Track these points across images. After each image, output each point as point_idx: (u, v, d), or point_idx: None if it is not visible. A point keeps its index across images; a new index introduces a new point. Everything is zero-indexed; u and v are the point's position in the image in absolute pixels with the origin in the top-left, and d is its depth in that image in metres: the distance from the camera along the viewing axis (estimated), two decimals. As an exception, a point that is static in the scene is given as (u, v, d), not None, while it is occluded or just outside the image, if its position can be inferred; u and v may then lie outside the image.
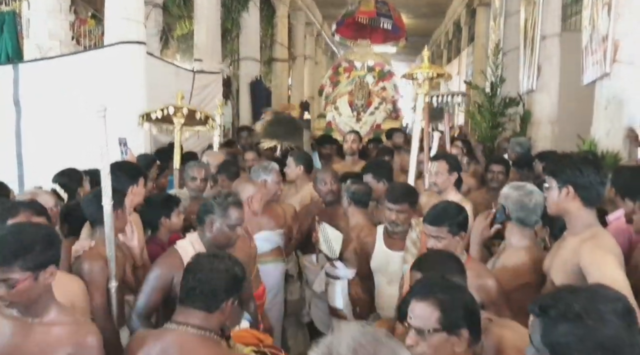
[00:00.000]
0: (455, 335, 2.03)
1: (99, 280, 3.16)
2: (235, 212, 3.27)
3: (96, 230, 3.37)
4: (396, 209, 3.87)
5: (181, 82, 8.02)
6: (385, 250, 3.95)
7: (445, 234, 3.12)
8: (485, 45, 13.44)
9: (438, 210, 3.22)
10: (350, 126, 8.71)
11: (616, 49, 5.57)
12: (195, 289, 2.44)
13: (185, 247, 3.22)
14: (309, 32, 20.20)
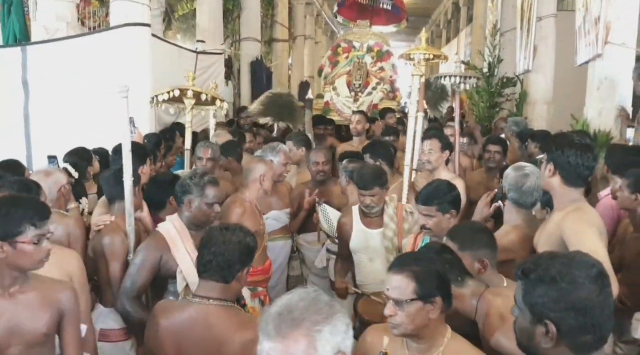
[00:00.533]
0: (430, 303, 2.18)
1: (119, 252, 3.33)
2: (212, 190, 3.34)
3: (114, 206, 3.54)
4: (368, 194, 3.89)
5: (184, 63, 8.12)
6: (364, 228, 4.00)
7: (435, 212, 3.25)
8: (483, 26, 13.45)
9: (429, 190, 3.35)
10: (348, 106, 8.80)
11: (608, 30, 5.67)
12: (211, 261, 2.53)
13: (167, 228, 3.31)
14: (309, 12, 20.16)
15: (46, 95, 6.10)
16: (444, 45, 22.37)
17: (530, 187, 3.28)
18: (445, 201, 3.27)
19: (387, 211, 3.97)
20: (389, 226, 3.93)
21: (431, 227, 3.29)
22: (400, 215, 3.97)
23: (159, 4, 9.22)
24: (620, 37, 5.67)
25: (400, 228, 3.92)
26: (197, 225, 3.32)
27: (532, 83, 9.06)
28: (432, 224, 3.27)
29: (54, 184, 3.61)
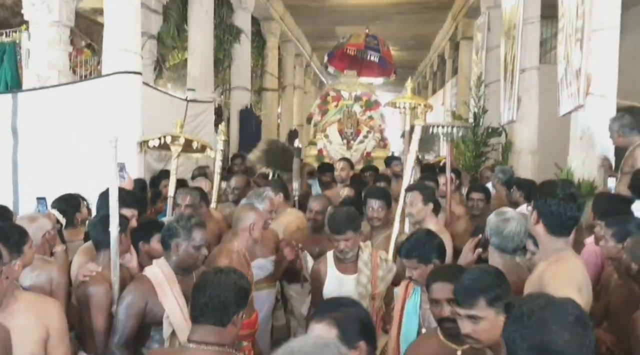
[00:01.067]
0: (354, 349, 2.14)
1: (103, 304, 3.27)
2: (199, 233, 3.31)
3: (101, 253, 3.49)
4: (341, 238, 3.84)
5: (175, 111, 8.18)
6: (338, 274, 3.94)
7: (417, 264, 3.20)
8: (468, 78, 13.74)
9: (409, 242, 3.32)
10: (342, 154, 8.90)
11: (589, 82, 5.80)
12: (207, 304, 2.48)
13: (155, 273, 3.25)
14: (298, 63, 20.51)
15: (36, 142, 6.11)
16: (430, 96, 22.75)
17: (511, 232, 3.27)
18: (426, 252, 3.23)
19: (362, 257, 3.93)
20: (363, 272, 3.89)
21: (417, 279, 3.23)
22: (375, 262, 3.93)
23: (150, 53, 9.34)
24: (601, 89, 5.81)
25: (374, 275, 3.88)
26: (184, 269, 3.29)
27: (517, 133, 9.20)
28: (417, 276, 3.22)
29: (38, 229, 3.59)
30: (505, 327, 1.73)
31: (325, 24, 17.42)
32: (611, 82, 5.85)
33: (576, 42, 6.03)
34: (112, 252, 3.35)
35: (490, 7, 11.12)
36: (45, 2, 6.58)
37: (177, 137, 5.16)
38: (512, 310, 1.73)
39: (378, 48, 10.81)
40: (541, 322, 1.66)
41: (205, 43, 9.89)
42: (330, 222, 3.93)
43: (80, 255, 3.71)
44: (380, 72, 11.31)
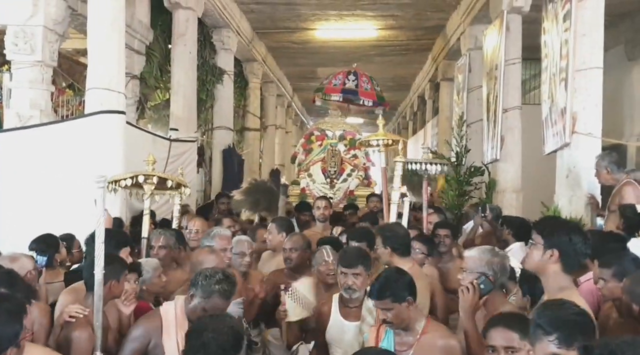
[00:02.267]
0: None
1: (84, 349, 3.12)
2: (218, 301, 3.13)
3: (89, 295, 3.35)
4: (351, 272, 3.69)
5: (158, 150, 8.08)
6: (341, 320, 3.78)
7: (390, 304, 3.08)
8: (449, 118, 13.88)
9: (379, 283, 3.18)
10: (325, 192, 8.80)
11: (574, 121, 5.87)
12: (204, 346, 2.41)
13: (167, 311, 3.18)
14: (280, 103, 20.61)
15: (17, 182, 5.97)
16: (410, 136, 22.94)
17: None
18: (399, 289, 3.10)
19: (366, 303, 3.69)
20: (366, 320, 3.69)
21: (392, 320, 3.12)
22: (379, 310, 3.70)
23: (132, 93, 9.28)
24: (586, 127, 5.87)
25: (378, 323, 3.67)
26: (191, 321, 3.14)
27: (501, 172, 9.23)
28: (392, 317, 3.10)
29: (19, 269, 3.47)
30: None
31: (306, 65, 17.61)
32: (596, 120, 5.94)
33: (560, 82, 6.12)
34: (96, 297, 3.20)
35: (470, 49, 11.30)
36: (28, 43, 6.52)
37: (151, 176, 4.93)
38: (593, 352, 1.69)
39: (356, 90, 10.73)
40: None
41: (188, 83, 9.88)
42: (342, 255, 3.83)
43: (66, 295, 3.57)
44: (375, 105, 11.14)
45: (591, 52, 5.95)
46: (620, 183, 5.51)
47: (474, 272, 3.22)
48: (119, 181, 5.06)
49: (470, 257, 3.30)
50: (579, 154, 5.95)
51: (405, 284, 3.16)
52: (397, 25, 13.36)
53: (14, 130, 6.28)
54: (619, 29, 10.80)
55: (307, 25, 13.53)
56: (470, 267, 3.25)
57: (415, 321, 3.15)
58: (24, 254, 3.81)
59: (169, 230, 5.13)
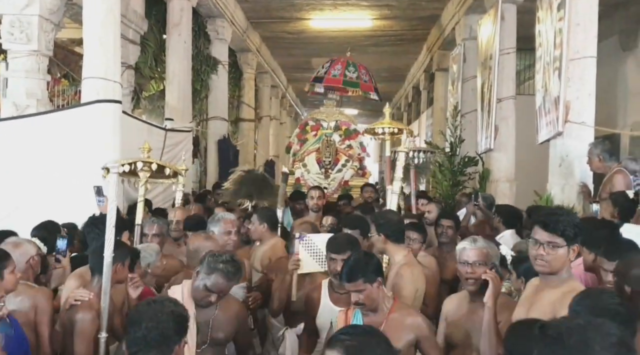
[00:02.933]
0: None
1: (88, 331, 3.20)
2: (220, 279, 3.19)
3: (94, 278, 3.42)
4: (340, 258, 3.71)
5: (153, 140, 8.10)
6: (331, 306, 3.78)
7: (362, 285, 3.15)
8: (444, 108, 13.95)
9: (348, 266, 3.24)
10: (319, 183, 8.85)
11: (567, 110, 5.94)
12: (145, 338, 2.36)
13: (175, 293, 3.21)
14: (274, 95, 20.65)
15: (14, 171, 6.01)
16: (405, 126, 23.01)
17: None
18: (369, 271, 3.17)
19: None
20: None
21: (365, 302, 3.17)
22: None
23: (128, 83, 9.30)
24: (579, 116, 5.95)
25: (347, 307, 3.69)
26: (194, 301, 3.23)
27: (494, 161, 9.33)
28: (364, 298, 3.16)
29: (22, 255, 3.53)
30: (541, 350, 1.65)
31: (301, 56, 17.63)
32: (589, 109, 6.02)
33: (554, 71, 6.18)
34: (104, 279, 3.28)
35: (465, 39, 11.36)
36: (24, 32, 6.53)
37: (149, 163, 4.94)
38: (547, 331, 1.66)
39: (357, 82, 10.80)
40: (583, 342, 1.58)
41: (183, 73, 9.91)
42: (331, 241, 3.87)
43: (72, 280, 3.64)
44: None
45: (585, 41, 6.02)
46: (612, 171, 5.61)
47: (489, 263, 3.33)
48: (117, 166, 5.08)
49: (481, 249, 3.36)
50: (571, 142, 6.03)
51: (375, 266, 3.25)
52: (391, 15, 13.39)
53: (11, 119, 6.31)
54: (614, 19, 10.86)
55: (302, 15, 13.55)
56: (484, 260, 3.33)
57: (383, 301, 3.23)
58: (27, 240, 3.86)
59: (161, 219, 5.19)
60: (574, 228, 2.83)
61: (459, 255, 3.42)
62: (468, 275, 3.32)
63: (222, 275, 3.21)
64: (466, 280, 3.36)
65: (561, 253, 2.82)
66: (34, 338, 3.34)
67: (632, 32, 10.61)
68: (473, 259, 3.32)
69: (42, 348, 3.35)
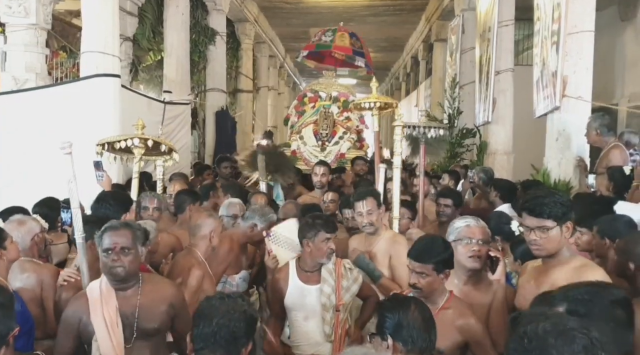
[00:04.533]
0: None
1: None
2: (110, 237, 2.95)
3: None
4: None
5: (153, 113, 8.15)
6: (301, 284, 3.73)
7: (430, 271, 2.96)
8: (442, 79, 13.91)
9: (424, 245, 3.06)
10: (315, 155, 8.82)
11: (565, 84, 5.94)
12: (215, 335, 2.23)
13: (93, 288, 3.01)
14: (272, 65, 20.53)
15: (14, 145, 6.04)
16: (403, 97, 22.94)
17: None
18: (443, 260, 2.99)
19: (326, 266, 3.74)
20: (328, 282, 3.70)
21: (422, 287, 2.96)
22: (339, 272, 3.74)
23: (126, 55, 9.27)
24: (576, 91, 5.96)
25: (338, 285, 3.70)
26: (115, 282, 2.97)
27: (492, 134, 9.34)
28: (425, 284, 2.96)
29: (27, 233, 3.58)
30: (508, 344, 1.63)
31: (299, 25, 17.47)
32: (586, 84, 6.02)
33: (552, 45, 6.17)
34: (80, 260, 3.31)
35: (464, 9, 11.28)
36: (22, 5, 6.52)
37: (145, 139, 4.91)
38: (516, 326, 1.64)
39: (363, 52, 10.76)
40: (543, 348, 1.54)
41: (181, 45, 9.88)
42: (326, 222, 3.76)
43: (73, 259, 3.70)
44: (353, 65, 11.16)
45: (583, 15, 5.98)
46: (609, 146, 5.64)
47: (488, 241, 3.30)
48: (112, 143, 5.06)
49: (484, 228, 3.31)
50: (568, 117, 6.04)
51: (449, 257, 3.05)
52: (390, -15, 13.29)
53: (11, 93, 6.32)
54: (613, -11, 10.78)
55: (300, -15, 13.44)
56: (487, 238, 3.28)
57: (439, 294, 3.03)
58: (31, 217, 3.90)
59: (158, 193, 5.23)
60: (561, 207, 2.78)
61: (459, 233, 3.26)
62: (474, 253, 3.19)
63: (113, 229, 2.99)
64: (470, 258, 3.20)
65: (553, 234, 2.78)
66: (41, 313, 3.41)
67: (631, 2, 10.51)
68: (479, 236, 3.22)
69: (48, 322, 3.41)
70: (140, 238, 3.06)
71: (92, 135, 5.77)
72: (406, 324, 2.42)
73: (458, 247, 3.24)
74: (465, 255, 3.21)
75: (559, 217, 2.78)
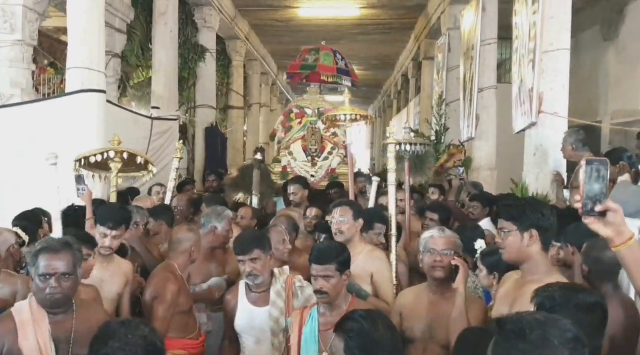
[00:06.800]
0: None
1: None
2: (46, 260, 2.75)
3: None
4: (247, 258, 3.55)
5: (140, 129, 8.25)
6: (250, 307, 3.62)
7: (334, 272, 3.06)
8: (430, 97, 14.03)
9: (323, 249, 3.19)
10: (306, 171, 8.94)
11: (541, 101, 6.06)
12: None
13: (21, 309, 2.83)
14: (265, 81, 20.67)
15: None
16: (395, 114, 23.11)
17: None
18: (344, 260, 3.12)
19: (275, 286, 3.63)
20: (276, 304, 3.59)
21: (329, 291, 3.06)
22: (290, 291, 3.64)
23: (114, 72, 9.37)
24: (552, 107, 6.07)
25: (289, 306, 3.58)
26: (48, 306, 2.78)
27: (476, 150, 9.47)
28: (331, 287, 3.05)
29: (2, 243, 3.62)
30: (500, 345, 1.65)
31: (290, 43, 17.65)
32: (562, 100, 6.12)
33: (529, 63, 6.30)
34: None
35: (450, 28, 11.45)
36: (9, 22, 6.59)
37: (121, 152, 4.84)
38: (506, 325, 1.66)
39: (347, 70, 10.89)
40: (544, 337, 1.59)
41: (169, 62, 9.98)
42: (236, 242, 3.68)
43: None
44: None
45: (559, 34, 6.10)
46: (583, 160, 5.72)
47: (457, 252, 3.34)
48: (88, 158, 5.04)
49: (449, 238, 3.35)
50: (545, 132, 6.14)
51: (347, 257, 3.21)
52: (379, 4, 13.46)
53: (-4, 108, 6.38)
54: (595, 9, 10.97)
55: (290, 4, 13.60)
56: (452, 248, 3.32)
57: (343, 298, 3.16)
58: (6, 229, 3.95)
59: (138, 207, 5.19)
60: (520, 211, 2.73)
61: (424, 244, 3.35)
62: (436, 264, 3.26)
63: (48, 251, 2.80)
64: (433, 268, 3.28)
65: (511, 239, 2.73)
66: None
67: (613, 23, 10.71)
68: (442, 247, 3.28)
69: None
70: (80, 259, 2.89)
71: (76, 151, 5.84)
72: None
73: (425, 258, 3.34)
74: (429, 266, 3.30)
75: (516, 219, 2.73)
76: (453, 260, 3.23)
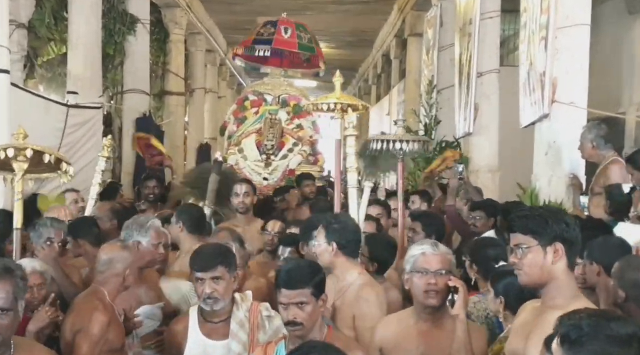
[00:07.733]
0: None
1: None
2: None
3: None
4: (208, 276, 3.46)
5: (52, 118, 8.13)
6: (203, 339, 3.56)
7: (309, 296, 3.04)
8: (418, 82, 14.12)
9: (293, 270, 3.13)
10: (258, 172, 8.88)
11: (555, 87, 6.12)
12: None
13: None
14: (210, 61, 20.58)
15: None
16: (373, 103, 23.19)
17: None
18: (316, 282, 3.10)
19: (237, 314, 3.60)
20: (238, 336, 3.56)
21: (303, 321, 3.03)
22: (254, 322, 3.61)
23: (19, 46, 9.21)
24: (569, 95, 6.12)
25: (253, 340, 3.55)
26: None
27: (474, 148, 9.49)
28: (306, 316, 3.04)
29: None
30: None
31: (244, 13, 17.57)
32: (581, 87, 6.20)
33: (540, 41, 6.36)
34: None
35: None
36: None
37: (23, 149, 4.48)
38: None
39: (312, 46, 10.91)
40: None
41: (90, 34, 9.84)
42: (194, 256, 3.63)
43: None
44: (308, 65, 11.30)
45: (577, 4, 6.18)
46: (606, 161, 5.81)
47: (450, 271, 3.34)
48: None
49: (444, 255, 3.35)
50: (559, 127, 6.21)
51: (322, 279, 3.17)
52: (354, -35, 13.54)
53: None
54: (619, -24, 11.12)
55: (244, -37, 13.58)
56: (448, 268, 3.32)
57: (318, 330, 3.12)
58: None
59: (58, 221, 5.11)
60: (542, 221, 2.68)
61: (413, 263, 3.32)
62: (430, 287, 3.22)
63: None
64: (425, 293, 3.24)
65: (531, 256, 2.68)
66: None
67: (640, -8, 10.87)
68: (437, 266, 3.26)
69: None
70: (23, 290, 2.84)
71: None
72: None
73: (413, 280, 3.30)
74: (420, 290, 3.26)
75: (536, 232, 2.68)
76: (450, 281, 3.24)
